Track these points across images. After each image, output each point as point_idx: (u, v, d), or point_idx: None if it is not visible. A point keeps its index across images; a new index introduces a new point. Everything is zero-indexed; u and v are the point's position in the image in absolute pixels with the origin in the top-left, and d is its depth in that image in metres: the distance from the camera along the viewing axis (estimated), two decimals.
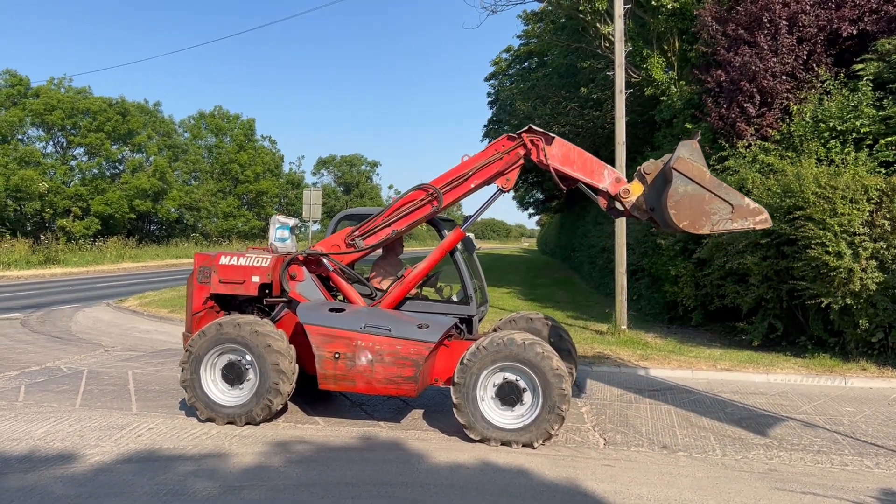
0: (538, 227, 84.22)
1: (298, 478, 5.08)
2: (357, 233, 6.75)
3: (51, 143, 47.82)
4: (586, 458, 5.74)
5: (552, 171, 6.32)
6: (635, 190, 6.10)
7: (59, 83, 47.43)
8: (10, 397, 7.31)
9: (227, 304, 7.09)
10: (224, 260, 6.73)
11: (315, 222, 23.48)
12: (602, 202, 6.37)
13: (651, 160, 6.08)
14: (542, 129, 6.36)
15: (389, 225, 6.71)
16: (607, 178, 6.23)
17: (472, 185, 6.53)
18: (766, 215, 5.55)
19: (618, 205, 6.28)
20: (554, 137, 6.33)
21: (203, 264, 6.85)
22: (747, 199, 5.61)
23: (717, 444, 6.20)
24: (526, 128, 6.44)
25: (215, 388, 6.39)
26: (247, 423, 6.29)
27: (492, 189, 6.73)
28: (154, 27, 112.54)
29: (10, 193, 39.99)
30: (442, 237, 6.82)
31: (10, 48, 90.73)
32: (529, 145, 6.39)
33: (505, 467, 5.41)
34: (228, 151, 56.73)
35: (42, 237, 35.58)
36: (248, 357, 6.27)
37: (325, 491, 4.83)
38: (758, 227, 5.59)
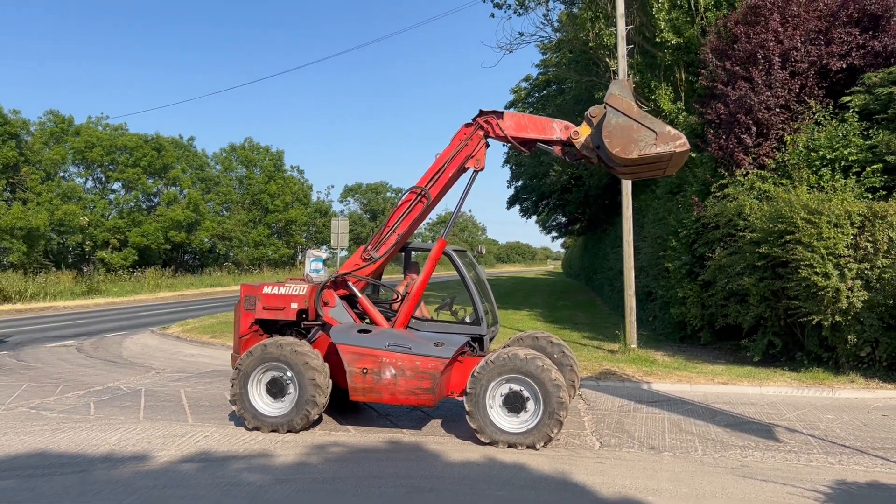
0: (563, 250, 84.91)
1: (334, 472, 6.04)
2: (370, 247, 7.79)
3: (90, 178, 50.15)
4: (581, 457, 6.60)
5: (511, 140, 7.40)
6: (584, 132, 7.13)
7: (97, 121, 49.88)
8: (82, 412, 8.41)
9: (270, 327, 8.13)
10: (267, 290, 7.80)
11: (343, 250, 24.67)
12: (557, 149, 7.41)
13: (596, 105, 7.10)
14: (491, 109, 7.41)
15: (394, 231, 7.74)
16: (557, 128, 7.31)
17: (450, 174, 7.60)
18: (684, 140, 6.51)
19: (571, 149, 7.28)
20: (503, 112, 7.42)
21: (249, 293, 7.92)
22: (668, 127, 6.60)
23: (699, 446, 7.02)
24: (477, 112, 7.50)
25: (261, 400, 7.39)
26: (288, 431, 7.27)
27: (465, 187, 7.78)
28: (187, 64, 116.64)
29: (54, 227, 42.01)
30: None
31: (49, 89, 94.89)
32: (485, 125, 7.50)
33: (509, 464, 6.30)
34: (258, 182, 58.57)
35: (84, 269, 37.29)
36: (289, 373, 7.26)
37: (357, 482, 5.78)
38: (678, 150, 6.49)
